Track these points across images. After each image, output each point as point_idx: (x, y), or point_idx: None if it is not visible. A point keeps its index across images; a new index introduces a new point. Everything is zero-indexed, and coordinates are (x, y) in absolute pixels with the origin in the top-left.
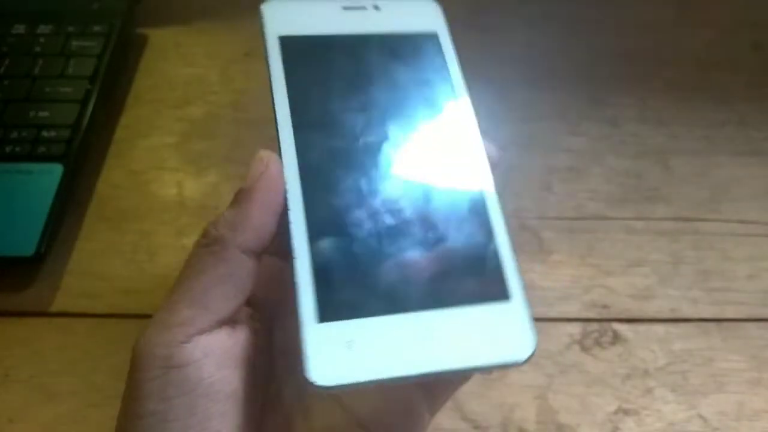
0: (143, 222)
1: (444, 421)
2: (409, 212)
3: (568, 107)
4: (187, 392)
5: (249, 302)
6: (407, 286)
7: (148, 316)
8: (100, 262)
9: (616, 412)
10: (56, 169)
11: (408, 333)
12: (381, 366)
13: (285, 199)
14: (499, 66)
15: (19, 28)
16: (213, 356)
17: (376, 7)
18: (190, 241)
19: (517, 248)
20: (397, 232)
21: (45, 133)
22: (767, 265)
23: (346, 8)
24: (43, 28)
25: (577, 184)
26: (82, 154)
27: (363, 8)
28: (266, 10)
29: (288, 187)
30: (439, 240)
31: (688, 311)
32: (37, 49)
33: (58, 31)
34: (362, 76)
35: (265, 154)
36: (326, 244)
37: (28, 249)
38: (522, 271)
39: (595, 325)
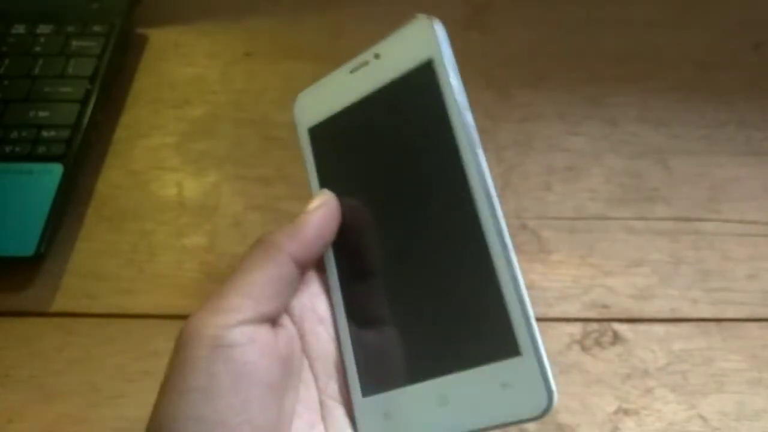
0: (143, 222)
1: None
2: (421, 282)
3: (568, 107)
4: (232, 372)
5: (286, 310)
6: (424, 356)
7: (147, 316)
8: (100, 262)
9: (616, 412)
10: (56, 169)
11: (430, 399)
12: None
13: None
14: (499, 66)
15: (19, 28)
16: (257, 344)
17: (377, 56)
18: (189, 240)
19: (517, 248)
20: (414, 306)
21: (45, 133)
22: (767, 265)
23: (353, 71)
24: (43, 28)
25: (577, 184)
26: (82, 154)
27: (366, 63)
28: (296, 107)
29: (329, 277)
30: (449, 307)
31: (688, 311)
32: (37, 49)
33: (58, 31)
34: (373, 143)
35: (328, 193)
36: (361, 329)
37: (28, 249)
38: (523, 272)
39: (595, 325)
